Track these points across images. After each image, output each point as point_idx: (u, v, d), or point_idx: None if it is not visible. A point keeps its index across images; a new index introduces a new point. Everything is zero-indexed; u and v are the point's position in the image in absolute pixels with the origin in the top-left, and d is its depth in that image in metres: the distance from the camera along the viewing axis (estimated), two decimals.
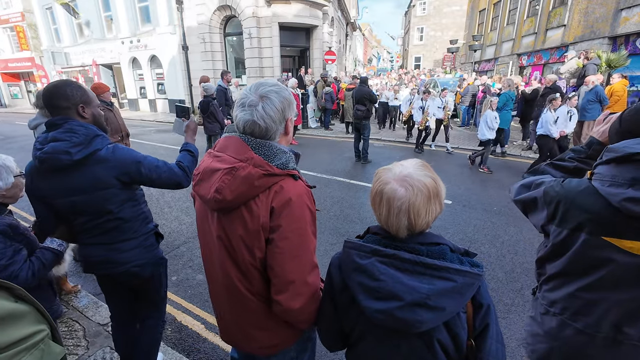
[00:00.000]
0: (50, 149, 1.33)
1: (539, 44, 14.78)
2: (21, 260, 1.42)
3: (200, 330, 2.50)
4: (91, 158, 1.40)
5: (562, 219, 1.01)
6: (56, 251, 1.54)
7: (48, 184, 1.41)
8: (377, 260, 0.87)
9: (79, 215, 1.48)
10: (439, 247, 0.88)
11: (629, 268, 0.92)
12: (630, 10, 10.13)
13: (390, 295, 0.83)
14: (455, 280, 0.82)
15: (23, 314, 0.72)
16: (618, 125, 1.03)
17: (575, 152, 1.20)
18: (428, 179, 0.86)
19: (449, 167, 6.91)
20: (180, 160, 1.69)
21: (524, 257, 3.43)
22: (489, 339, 0.90)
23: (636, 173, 0.87)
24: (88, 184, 1.41)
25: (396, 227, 0.87)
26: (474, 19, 22.78)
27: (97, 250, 1.55)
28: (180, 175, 1.63)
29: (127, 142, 4.53)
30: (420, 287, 0.82)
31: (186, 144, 1.81)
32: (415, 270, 0.84)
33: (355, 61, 32.81)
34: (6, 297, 0.71)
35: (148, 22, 15.94)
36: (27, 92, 23.20)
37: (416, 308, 0.81)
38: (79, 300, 2.72)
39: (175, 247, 3.70)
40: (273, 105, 1.01)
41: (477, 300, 0.89)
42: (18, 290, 0.74)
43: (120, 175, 1.45)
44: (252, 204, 0.98)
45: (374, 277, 0.86)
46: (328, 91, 10.95)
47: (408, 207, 0.84)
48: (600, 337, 1.01)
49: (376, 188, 0.91)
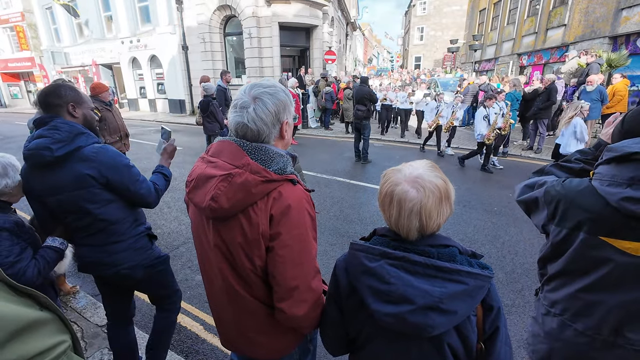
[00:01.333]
0: (34, 145, 1.36)
1: (539, 44, 14.75)
2: (28, 258, 1.44)
3: (199, 332, 2.49)
4: (74, 155, 1.41)
5: (561, 218, 1.01)
6: (58, 249, 1.56)
7: (39, 182, 1.43)
8: (387, 262, 0.85)
9: (66, 214, 1.49)
10: (449, 249, 0.86)
11: (627, 269, 0.91)
12: (630, 9, 10.11)
13: (401, 298, 0.82)
14: (467, 283, 0.81)
15: (47, 322, 0.69)
16: (620, 126, 1.02)
17: (582, 154, 1.19)
18: (439, 180, 0.85)
19: (449, 167, 6.90)
20: (156, 182, 1.69)
21: (525, 258, 3.41)
22: (498, 342, 0.89)
23: (635, 172, 0.86)
24: (70, 182, 1.41)
25: (407, 229, 0.85)
26: (474, 19, 22.75)
27: (88, 251, 1.57)
28: (154, 197, 1.64)
29: (126, 142, 4.51)
30: (432, 291, 0.80)
31: (161, 167, 1.80)
32: (427, 273, 0.82)
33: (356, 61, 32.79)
34: (31, 305, 0.69)
35: (148, 22, 15.93)
36: (27, 92, 23.22)
37: (428, 312, 0.80)
38: (77, 301, 2.71)
39: (174, 248, 3.68)
40: (265, 107, 0.97)
41: (487, 302, 0.88)
42: (43, 298, 0.72)
43: (99, 177, 1.44)
44: (250, 211, 0.94)
45: (384, 280, 0.84)
46: (328, 91, 10.94)
47: (420, 209, 0.83)
48: (600, 339, 1.00)
49: (386, 189, 0.88)
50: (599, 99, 6.86)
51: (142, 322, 2.56)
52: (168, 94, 16.46)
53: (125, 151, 4.43)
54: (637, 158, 0.86)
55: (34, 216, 1.62)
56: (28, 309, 0.67)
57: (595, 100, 6.78)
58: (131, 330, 1.91)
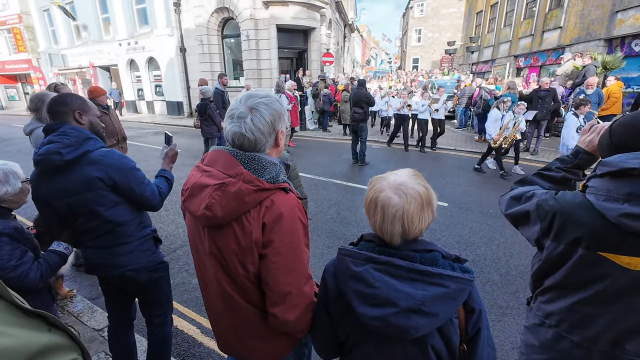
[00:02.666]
0: (44, 151, 1.42)
1: (535, 46, 14.86)
2: (30, 261, 1.47)
3: (195, 335, 2.50)
4: (82, 159, 1.46)
5: (557, 233, 0.99)
6: (62, 254, 1.59)
7: (48, 187, 1.48)
8: (372, 267, 0.88)
9: (76, 217, 1.52)
10: (432, 253, 0.89)
11: (626, 283, 0.90)
12: (625, 12, 10.21)
13: (385, 301, 0.85)
14: (448, 286, 0.84)
15: (58, 345, 0.70)
16: (609, 138, 1.00)
17: (562, 162, 1.19)
18: (421, 187, 0.89)
19: (447, 169, 6.93)
20: (159, 185, 1.73)
21: (519, 260, 3.45)
22: (480, 344, 0.92)
23: (632, 188, 0.85)
24: (79, 185, 1.46)
25: (390, 234, 0.89)
26: (471, 21, 22.88)
27: (95, 252, 1.61)
28: (158, 200, 1.68)
29: (123, 145, 4.50)
30: (415, 294, 0.83)
31: (164, 171, 1.85)
32: (410, 276, 0.85)
33: (354, 62, 32.87)
34: (40, 327, 0.69)
35: (146, 24, 15.93)
36: (24, 94, 23.12)
37: (411, 314, 0.82)
38: (74, 305, 2.72)
39: (172, 251, 3.69)
40: (262, 117, 1.00)
41: (468, 305, 0.91)
42: (52, 318, 0.73)
43: (107, 179, 1.49)
44: (243, 219, 0.96)
45: (370, 284, 0.87)
46: (326, 93, 10.98)
47: (402, 215, 0.86)
48: (597, 351, 0.99)
49: (371, 196, 0.92)
50: (597, 102, 6.91)
51: (141, 327, 2.57)
52: (166, 96, 16.46)
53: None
54: (634, 174, 0.85)
55: (40, 219, 1.64)
56: (37, 332, 0.68)
57: (594, 102, 6.84)
58: (131, 333, 1.93)
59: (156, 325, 1.88)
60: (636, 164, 0.84)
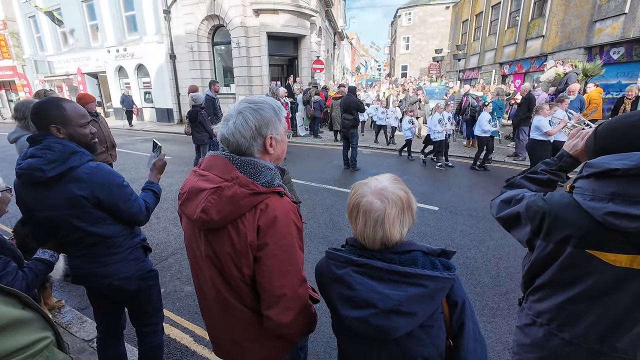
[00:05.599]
0: (26, 165, 1.36)
1: (519, 54, 15.33)
2: (14, 272, 1.40)
3: (188, 344, 2.47)
4: (67, 175, 1.39)
5: (547, 233, 1.02)
6: (47, 262, 1.54)
7: (30, 196, 1.43)
8: (352, 269, 0.91)
9: (58, 229, 1.48)
10: (411, 254, 0.92)
11: (612, 280, 0.93)
12: (603, 22, 10.64)
13: (365, 303, 0.87)
14: (426, 286, 0.86)
15: (29, 321, 0.74)
16: (593, 142, 1.05)
17: (547, 165, 1.24)
18: (402, 192, 0.92)
19: (437, 174, 7.04)
20: (146, 199, 1.68)
21: (509, 262, 3.51)
22: (465, 338, 0.93)
23: (615, 188, 0.89)
24: (62, 202, 1.40)
25: (372, 239, 0.91)
26: (457, 29, 23.48)
27: (82, 262, 1.56)
28: (144, 216, 1.63)
29: (112, 153, 4.46)
30: (392, 295, 0.85)
31: (151, 184, 1.79)
32: (390, 278, 0.88)
33: (344, 70, 33.21)
34: (14, 304, 0.73)
35: (135, 31, 15.84)
36: (8, 102, 22.58)
37: (390, 315, 0.85)
38: (62, 316, 2.65)
39: (163, 259, 3.65)
40: (245, 121, 1.02)
41: (451, 298, 0.93)
42: (25, 298, 0.76)
43: (91, 197, 1.44)
44: (239, 223, 0.98)
45: (350, 286, 0.90)
46: (317, 100, 11.06)
47: (384, 219, 0.89)
48: (586, 347, 1.01)
49: (353, 201, 0.95)
50: (579, 107, 7.15)
51: (132, 336, 2.52)
52: (155, 103, 16.31)
53: (112, 162, 4.38)
54: (617, 174, 0.89)
55: (20, 226, 1.60)
56: (12, 308, 0.71)
57: (576, 108, 7.07)
58: (121, 343, 1.90)
59: (147, 334, 1.84)
60: (619, 164, 0.89)
